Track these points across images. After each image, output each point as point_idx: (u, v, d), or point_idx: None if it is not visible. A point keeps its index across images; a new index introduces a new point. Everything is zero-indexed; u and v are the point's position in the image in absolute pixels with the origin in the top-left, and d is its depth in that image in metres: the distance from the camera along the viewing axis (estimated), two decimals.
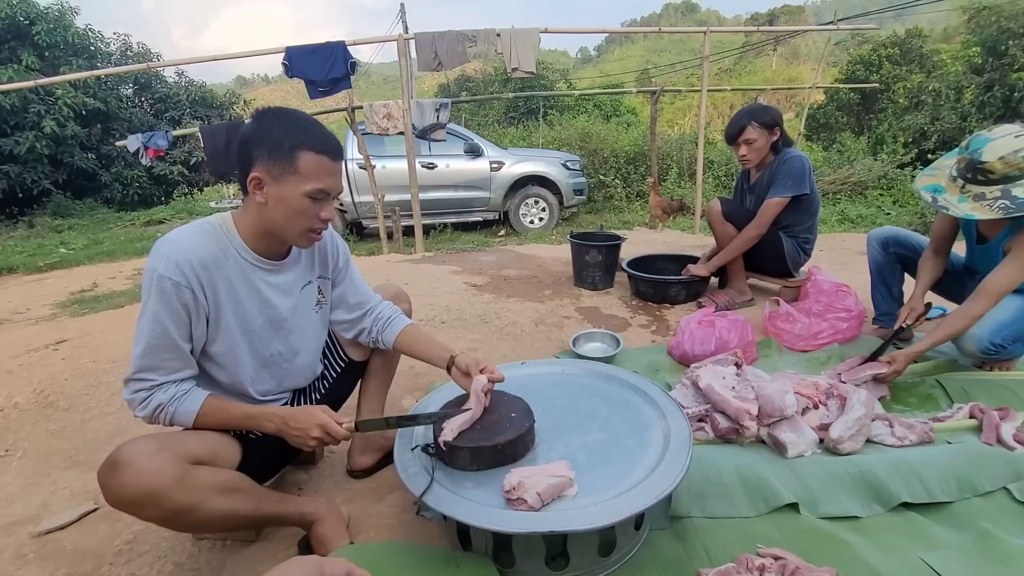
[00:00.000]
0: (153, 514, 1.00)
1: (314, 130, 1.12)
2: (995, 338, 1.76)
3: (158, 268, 1.05)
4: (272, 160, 1.09)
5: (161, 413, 1.10)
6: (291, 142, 1.08)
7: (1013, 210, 1.60)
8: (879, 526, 1.27)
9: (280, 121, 1.11)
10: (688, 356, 2.13)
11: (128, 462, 0.96)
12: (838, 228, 6.03)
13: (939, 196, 1.75)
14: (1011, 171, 1.60)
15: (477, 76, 18.79)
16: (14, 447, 1.84)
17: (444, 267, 3.87)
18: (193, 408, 1.12)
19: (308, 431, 1.12)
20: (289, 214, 1.12)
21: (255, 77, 74.98)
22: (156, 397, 1.10)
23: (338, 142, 1.16)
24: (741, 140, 2.56)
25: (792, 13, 33.94)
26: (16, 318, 3.50)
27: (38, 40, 9.95)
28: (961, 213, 1.69)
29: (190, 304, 1.09)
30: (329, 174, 1.13)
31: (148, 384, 1.09)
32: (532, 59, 5.02)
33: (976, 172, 1.66)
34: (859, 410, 1.57)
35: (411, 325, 1.43)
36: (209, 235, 1.14)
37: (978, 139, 1.67)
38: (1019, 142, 1.59)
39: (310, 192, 1.10)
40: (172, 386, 1.11)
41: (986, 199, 1.64)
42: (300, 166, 1.09)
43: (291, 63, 4.75)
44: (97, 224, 8.92)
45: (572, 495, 1.07)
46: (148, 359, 1.08)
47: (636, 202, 9.01)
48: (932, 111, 9.34)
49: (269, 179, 1.10)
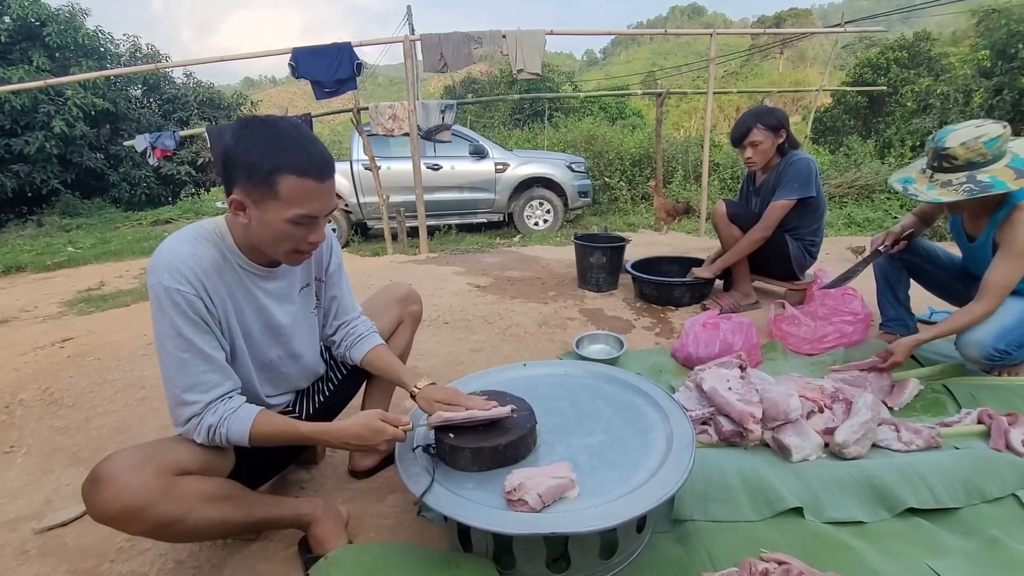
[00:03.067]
0: (139, 528, 0.97)
1: (296, 148, 1.00)
2: (999, 344, 1.76)
3: (163, 281, 1.01)
4: (251, 184, 1.00)
5: (215, 436, 1.06)
6: (270, 164, 0.98)
7: (977, 191, 1.65)
8: (885, 532, 1.26)
9: (260, 137, 1.00)
10: (692, 359, 2.11)
11: (110, 477, 0.93)
12: (845, 231, 5.99)
13: (909, 186, 1.82)
14: (973, 156, 1.66)
15: (483, 78, 18.82)
16: (18, 443, 1.85)
17: (448, 268, 3.87)
18: (244, 428, 1.07)
19: (377, 447, 1.14)
20: (273, 238, 1.05)
21: (262, 78, 75.42)
22: (206, 420, 1.05)
23: (325, 158, 1.04)
24: (747, 142, 2.55)
25: (799, 16, 33.83)
26: (24, 316, 3.52)
27: (49, 41, 10.04)
28: (928, 198, 1.75)
29: (203, 312, 1.05)
30: (314, 197, 1.02)
31: (195, 407, 1.04)
32: (537, 61, 5.02)
33: (941, 160, 1.72)
34: (865, 414, 1.55)
35: (380, 346, 1.38)
36: (207, 240, 1.09)
37: (943, 131, 1.76)
38: (979, 131, 1.67)
39: (292, 219, 1.02)
40: (220, 404, 1.07)
41: (952, 184, 1.70)
42: (280, 191, 0.99)
43: (297, 64, 4.76)
44: (105, 223, 8.99)
45: (574, 497, 1.06)
46: (183, 379, 1.03)
47: (641, 204, 8.99)
48: (940, 115, 9.28)
49: (250, 203, 1.02)
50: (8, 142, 9.49)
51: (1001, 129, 1.65)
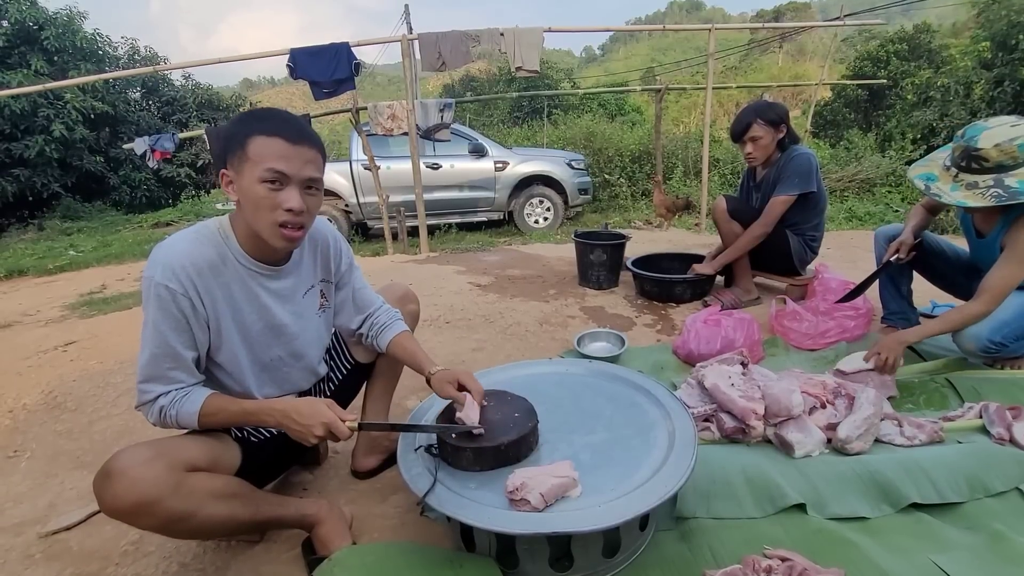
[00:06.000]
0: (149, 523, 0.99)
1: (271, 116, 1.08)
2: (995, 336, 1.75)
3: (155, 276, 1.05)
4: (230, 153, 1.07)
5: (166, 417, 1.10)
6: (244, 131, 1.06)
7: (1006, 198, 1.59)
8: (888, 527, 1.25)
9: (244, 116, 1.11)
10: (694, 355, 2.11)
11: (122, 472, 0.95)
12: (846, 226, 5.98)
13: (932, 184, 1.74)
14: (1005, 159, 1.59)
15: (482, 76, 18.79)
16: (22, 448, 1.86)
17: (449, 267, 3.87)
18: (194, 409, 1.10)
19: (312, 428, 1.08)
20: (252, 207, 1.07)
21: (261, 80, 75.30)
22: (159, 402, 1.09)
23: (300, 125, 1.09)
24: (747, 138, 2.54)
25: (798, 9, 33.66)
26: (26, 320, 3.53)
27: (47, 45, 10.04)
28: (953, 201, 1.68)
29: (188, 311, 1.08)
30: (283, 156, 1.05)
31: (151, 395, 1.09)
32: (536, 58, 5.01)
33: (971, 160, 1.64)
34: (868, 409, 1.55)
35: (404, 333, 1.42)
36: (207, 240, 1.12)
37: (974, 127, 1.66)
38: (1015, 131, 1.58)
39: (262, 176, 1.04)
40: (176, 391, 1.11)
41: (979, 187, 1.63)
42: (250, 151, 1.04)
43: (296, 64, 4.76)
44: (106, 226, 9.01)
45: (576, 496, 1.06)
46: (150, 369, 1.08)
47: (641, 201, 8.97)
48: (941, 107, 9.24)
49: (232, 173, 1.08)
50: (8, 146, 9.50)
51: None
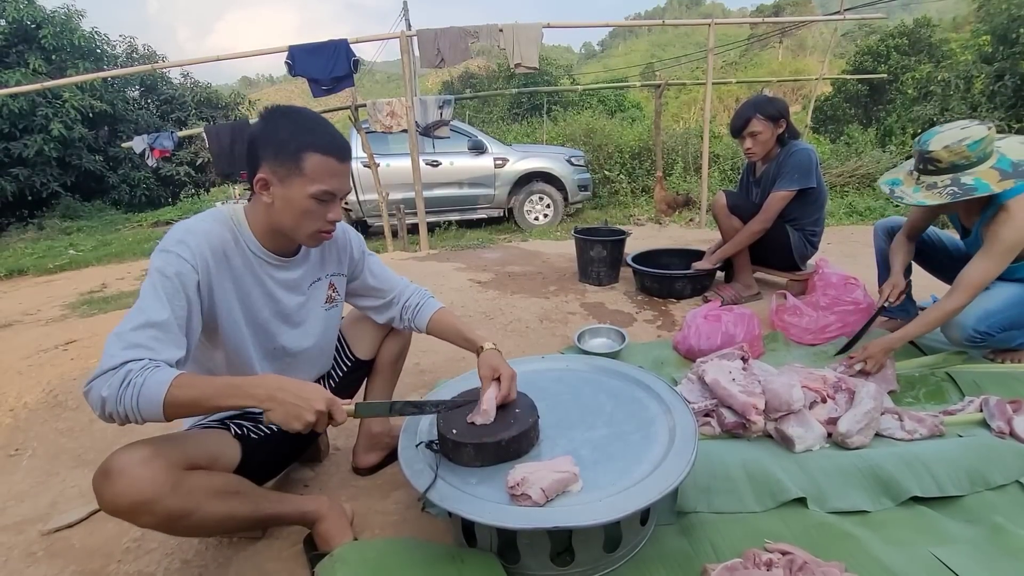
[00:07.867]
0: (149, 521, 0.98)
1: (321, 130, 1.11)
2: (979, 326, 1.76)
3: (168, 247, 1.05)
4: (278, 161, 1.09)
5: (126, 388, 0.90)
6: (297, 143, 1.08)
7: (960, 194, 1.65)
8: (888, 520, 1.26)
9: (287, 121, 1.10)
10: (694, 351, 2.11)
11: (120, 471, 0.94)
12: (846, 220, 5.97)
13: (896, 188, 1.83)
14: (957, 159, 1.66)
15: (481, 73, 18.75)
16: (24, 446, 1.86)
17: (449, 264, 3.87)
18: (166, 378, 0.92)
19: (312, 403, 0.98)
20: (295, 215, 1.12)
21: (260, 78, 75.21)
22: (128, 367, 0.91)
23: (346, 142, 1.14)
24: (746, 133, 2.53)
25: (798, 4, 33.55)
26: (27, 319, 3.54)
27: (45, 44, 10.03)
28: (914, 201, 1.76)
29: (191, 287, 1.04)
30: (335, 175, 1.12)
31: (118, 360, 0.91)
32: (535, 54, 5.00)
33: (927, 163, 1.72)
34: (868, 403, 1.55)
35: (441, 310, 1.44)
36: (223, 223, 1.15)
37: (928, 133, 1.76)
38: (964, 133, 1.67)
39: (315, 194, 1.10)
40: (148, 359, 0.94)
41: (937, 187, 1.70)
42: (305, 167, 1.08)
43: (294, 62, 4.74)
44: (105, 225, 9.02)
45: (577, 491, 1.06)
46: (134, 335, 0.95)
47: (641, 197, 8.96)
48: (941, 102, 9.22)
49: (275, 180, 1.10)
50: (7, 146, 9.51)
51: (985, 131, 1.65)
